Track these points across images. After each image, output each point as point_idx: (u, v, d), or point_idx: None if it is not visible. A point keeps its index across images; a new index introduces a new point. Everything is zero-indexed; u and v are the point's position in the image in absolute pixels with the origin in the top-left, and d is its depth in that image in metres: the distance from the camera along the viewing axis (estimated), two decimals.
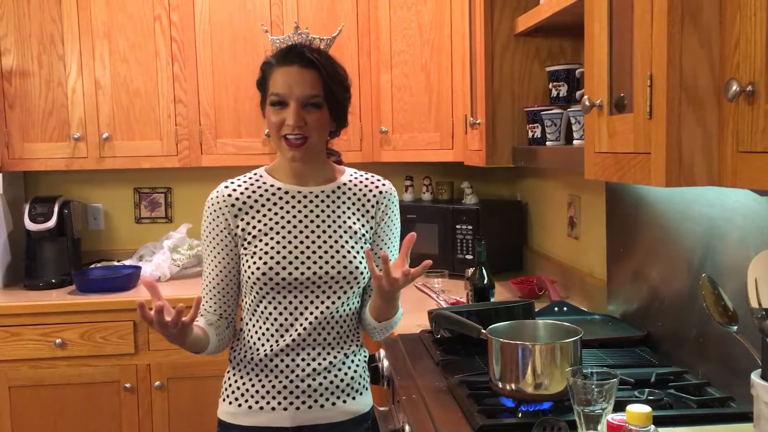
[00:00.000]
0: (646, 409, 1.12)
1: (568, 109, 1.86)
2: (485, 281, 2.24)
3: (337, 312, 1.60)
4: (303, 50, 1.56)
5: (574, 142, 1.78)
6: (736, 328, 1.25)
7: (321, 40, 1.63)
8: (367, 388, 1.68)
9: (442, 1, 2.82)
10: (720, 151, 1.01)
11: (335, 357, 1.60)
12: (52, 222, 2.97)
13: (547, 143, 1.96)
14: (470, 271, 2.31)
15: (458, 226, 2.95)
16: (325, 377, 1.59)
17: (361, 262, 1.60)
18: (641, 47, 1.12)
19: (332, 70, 1.58)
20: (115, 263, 3.17)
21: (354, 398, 1.62)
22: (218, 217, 1.61)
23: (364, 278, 1.61)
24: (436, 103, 2.89)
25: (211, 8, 3.01)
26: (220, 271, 1.62)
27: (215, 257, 1.62)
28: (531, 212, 3.12)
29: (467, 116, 2.52)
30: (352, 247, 1.60)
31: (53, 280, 2.98)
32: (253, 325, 1.62)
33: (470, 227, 2.91)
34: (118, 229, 3.38)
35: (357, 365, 1.65)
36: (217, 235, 1.61)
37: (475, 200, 3.11)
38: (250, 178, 1.66)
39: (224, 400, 1.64)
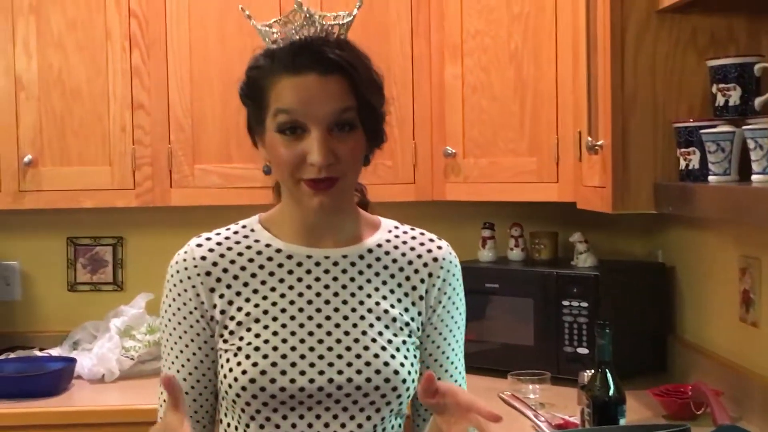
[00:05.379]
0: None
1: (744, 126, 1.87)
2: (611, 392, 2.23)
3: None
4: (321, 48, 1.56)
5: (753, 177, 1.79)
6: None
7: (338, 25, 1.62)
8: None
9: None
10: None
11: None
12: None
13: (710, 178, 1.97)
14: (587, 374, 2.30)
15: (566, 302, 2.94)
16: None
17: (404, 366, 1.61)
18: None
19: (365, 70, 1.59)
20: (37, 353, 3.22)
21: None
22: (186, 291, 1.61)
23: (409, 391, 1.62)
24: (531, 113, 2.92)
25: None
26: (189, 373, 1.63)
27: (181, 352, 1.62)
28: (681, 282, 3.11)
29: (581, 134, 2.53)
30: (390, 342, 1.62)
31: None
32: None
33: (585, 304, 2.91)
34: (42, 301, 3.45)
35: None
36: (185, 318, 1.61)
37: (593, 262, 3.10)
38: (236, 233, 1.66)
39: None
